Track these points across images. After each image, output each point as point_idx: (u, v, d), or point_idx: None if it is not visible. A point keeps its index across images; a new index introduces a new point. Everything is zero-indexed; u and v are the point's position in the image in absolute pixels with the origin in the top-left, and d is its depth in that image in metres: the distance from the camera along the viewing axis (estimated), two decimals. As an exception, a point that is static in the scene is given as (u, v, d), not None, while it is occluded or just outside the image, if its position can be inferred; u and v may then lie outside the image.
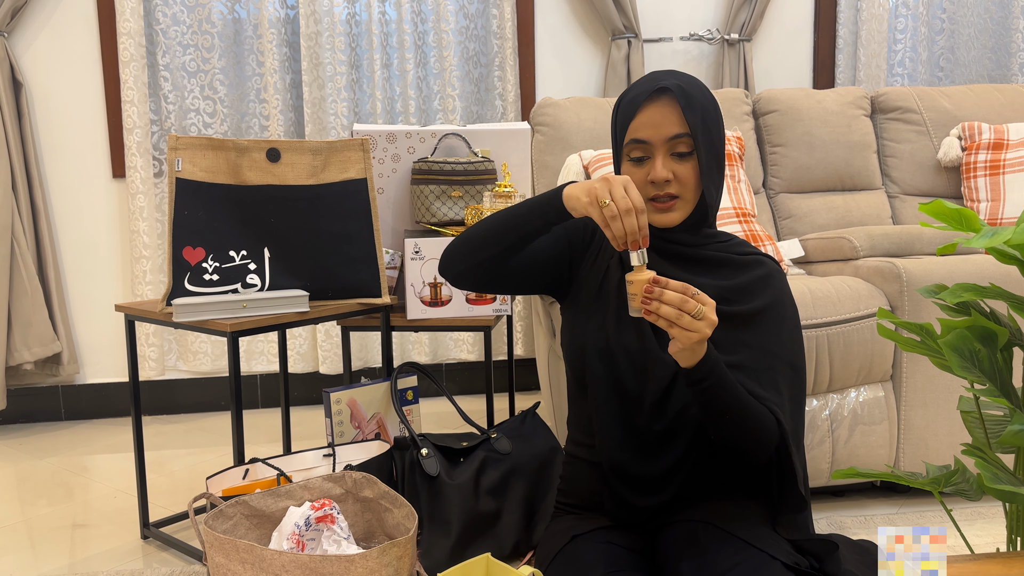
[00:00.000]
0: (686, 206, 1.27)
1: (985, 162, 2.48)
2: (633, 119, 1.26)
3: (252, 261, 1.77)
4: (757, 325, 1.26)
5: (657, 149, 1.24)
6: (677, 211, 1.26)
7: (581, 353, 1.31)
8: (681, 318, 1.05)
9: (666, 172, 1.23)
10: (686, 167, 1.24)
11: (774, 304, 1.28)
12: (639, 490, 1.27)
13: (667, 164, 1.24)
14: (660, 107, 1.24)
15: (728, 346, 1.23)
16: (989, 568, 1.04)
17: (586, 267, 1.36)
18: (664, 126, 1.23)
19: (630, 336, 1.27)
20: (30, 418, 2.95)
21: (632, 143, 1.26)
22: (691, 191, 1.26)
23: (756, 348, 1.25)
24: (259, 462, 1.64)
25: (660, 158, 1.24)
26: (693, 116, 1.23)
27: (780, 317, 1.28)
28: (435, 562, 1.55)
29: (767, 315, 1.27)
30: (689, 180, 1.25)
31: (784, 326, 1.28)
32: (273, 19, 2.85)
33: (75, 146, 2.88)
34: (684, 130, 1.23)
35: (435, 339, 3.08)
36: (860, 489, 2.04)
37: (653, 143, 1.24)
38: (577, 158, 2.46)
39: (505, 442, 1.72)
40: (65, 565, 1.80)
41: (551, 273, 1.38)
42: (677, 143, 1.24)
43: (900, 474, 1.17)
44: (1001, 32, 3.16)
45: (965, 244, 1.00)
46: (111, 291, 2.94)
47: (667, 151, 1.24)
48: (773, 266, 1.32)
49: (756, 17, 3.00)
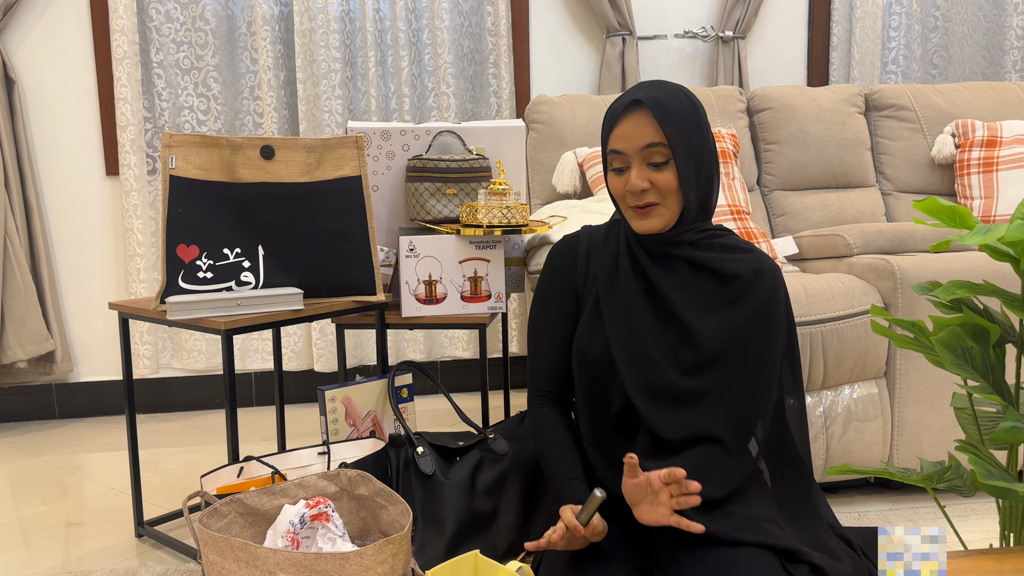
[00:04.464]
0: (667, 213, 1.30)
1: (978, 159, 2.48)
2: (612, 131, 1.31)
3: (246, 259, 1.77)
4: (746, 325, 1.29)
5: (633, 159, 1.29)
6: (657, 217, 1.30)
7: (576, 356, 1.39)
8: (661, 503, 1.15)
9: (641, 182, 1.27)
10: (664, 175, 1.28)
11: (764, 300, 1.30)
12: (619, 473, 1.32)
13: (642, 174, 1.28)
14: (635, 119, 1.28)
15: (714, 343, 1.27)
16: (983, 564, 1.04)
17: (582, 288, 1.42)
18: (637, 137, 1.27)
19: (599, 341, 1.34)
20: (24, 416, 2.94)
21: (611, 153, 1.31)
22: (671, 198, 1.29)
23: (743, 353, 1.28)
24: (254, 460, 1.64)
25: (636, 168, 1.28)
26: (669, 126, 1.27)
27: (769, 312, 1.30)
28: (429, 560, 1.55)
29: (756, 311, 1.29)
30: (667, 188, 1.28)
31: (772, 322, 1.31)
32: (267, 16, 2.84)
33: (68, 143, 2.87)
34: (658, 139, 1.27)
35: (430, 336, 3.08)
36: (854, 485, 2.05)
37: (628, 154, 1.29)
38: (572, 155, 2.46)
39: (502, 442, 1.71)
40: (59, 564, 1.79)
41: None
42: (652, 153, 1.28)
43: (894, 470, 1.18)
44: (994, 30, 3.17)
45: (959, 241, 1.00)
46: (105, 289, 2.94)
47: (642, 161, 1.28)
48: (767, 260, 1.33)
49: (750, 14, 3.01)
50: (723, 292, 1.29)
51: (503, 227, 1.89)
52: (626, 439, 1.34)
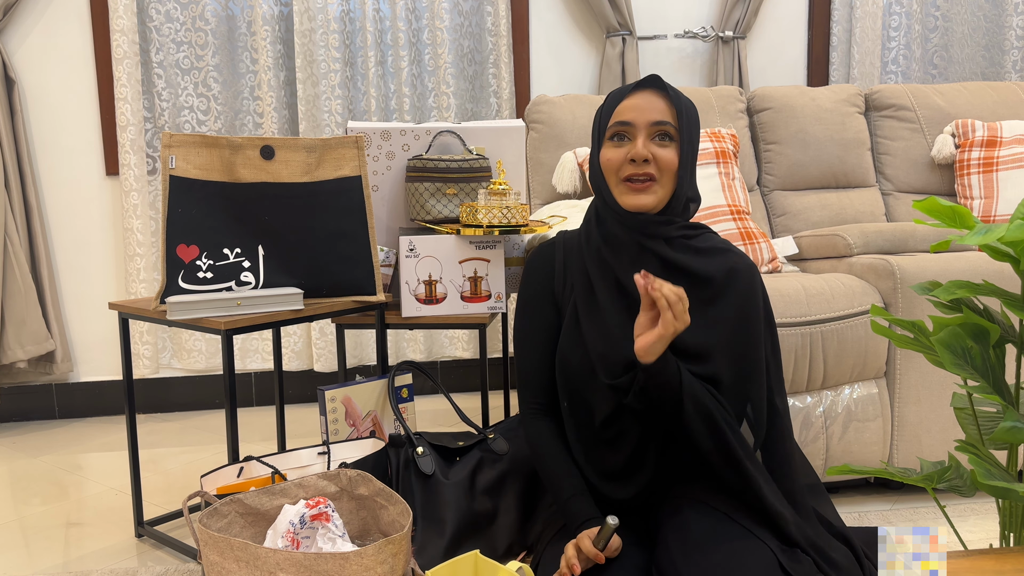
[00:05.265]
0: (661, 191, 1.30)
1: (978, 159, 2.48)
2: (620, 104, 1.32)
3: (246, 259, 1.77)
4: (725, 325, 1.30)
5: (639, 130, 1.30)
6: (651, 194, 1.30)
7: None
8: (676, 304, 1.13)
9: (645, 151, 1.29)
10: (667, 152, 1.29)
11: (741, 301, 1.31)
12: (609, 481, 1.34)
13: (647, 145, 1.29)
14: (647, 95, 1.31)
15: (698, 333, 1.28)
16: (983, 564, 1.04)
17: (561, 296, 1.42)
18: (648, 111, 1.30)
19: (580, 351, 1.34)
20: (24, 416, 2.94)
21: (616, 124, 1.32)
22: (668, 177, 1.30)
23: (724, 343, 1.29)
24: (254, 460, 1.64)
25: (642, 138, 1.30)
26: (678, 108, 1.30)
27: (748, 314, 1.31)
28: (429, 560, 1.55)
29: (734, 313, 1.30)
30: (667, 165, 1.29)
31: (752, 324, 1.32)
32: (267, 16, 2.84)
33: (68, 143, 2.87)
34: (668, 118, 1.29)
35: (430, 336, 3.08)
36: (854, 486, 2.05)
37: (636, 124, 1.30)
38: (572, 155, 2.46)
39: (502, 443, 1.71)
40: (59, 564, 1.79)
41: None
42: (660, 129, 1.30)
43: (894, 470, 1.18)
44: (994, 30, 3.17)
45: (959, 241, 1.00)
46: (105, 289, 2.94)
47: (649, 135, 1.30)
48: (742, 259, 1.33)
49: (750, 14, 3.01)
50: (699, 293, 1.29)
51: (503, 227, 1.89)
52: (612, 448, 1.33)
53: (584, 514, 1.27)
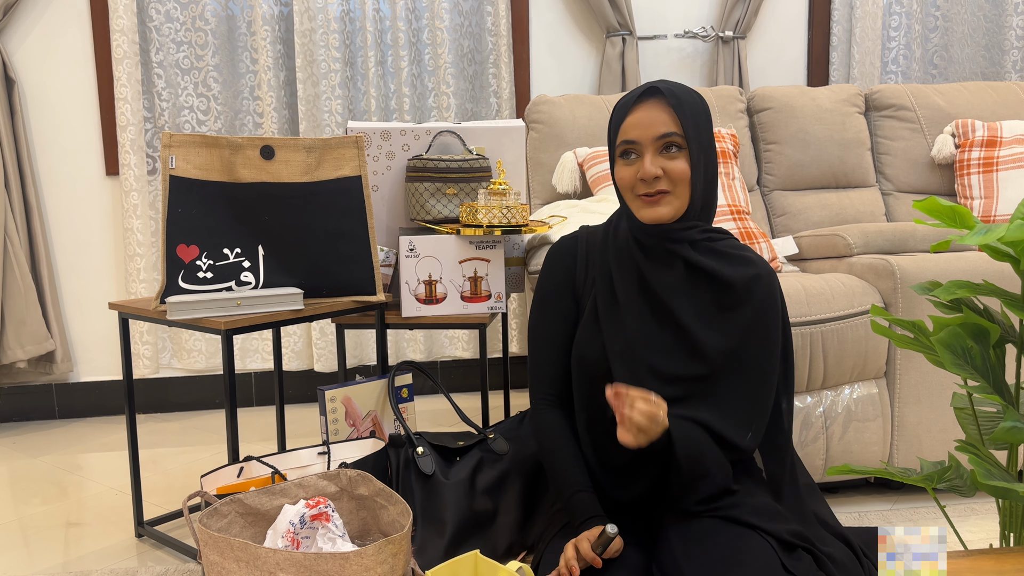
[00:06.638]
0: (676, 202, 1.30)
1: (979, 159, 2.48)
2: (624, 120, 1.31)
3: (246, 259, 1.77)
4: (743, 331, 1.30)
5: (646, 148, 1.28)
6: (666, 205, 1.29)
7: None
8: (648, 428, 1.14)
9: (654, 169, 1.27)
10: (677, 163, 1.28)
11: (761, 308, 1.31)
12: (614, 482, 1.34)
13: (655, 161, 1.28)
14: (649, 108, 1.29)
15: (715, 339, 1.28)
16: (983, 564, 1.04)
17: (582, 290, 1.42)
18: (653, 126, 1.28)
19: (597, 347, 1.34)
20: (24, 416, 2.94)
21: (623, 143, 1.31)
22: (682, 187, 1.29)
23: (742, 350, 1.30)
24: (254, 460, 1.64)
25: (649, 156, 1.28)
26: (684, 116, 1.28)
27: (766, 321, 1.31)
28: (429, 560, 1.55)
29: (753, 319, 1.30)
30: (679, 176, 1.28)
31: (769, 332, 1.31)
32: (267, 16, 2.84)
33: (68, 143, 2.87)
34: (673, 129, 1.28)
35: (430, 336, 3.08)
36: (854, 486, 2.05)
37: (642, 142, 1.29)
38: (572, 155, 2.46)
39: (502, 443, 1.71)
40: (59, 564, 1.79)
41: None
42: (666, 142, 1.28)
43: (894, 470, 1.18)
44: (994, 30, 3.17)
45: (959, 241, 1.00)
46: (105, 289, 2.94)
47: (656, 150, 1.28)
48: (763, 267, 1.33)
49: (750, 14, 3.01)
50: (721, 298, 1.30)
51: (503, 227, 1.89)
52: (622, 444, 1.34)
53: (588, 511, 1.27)
